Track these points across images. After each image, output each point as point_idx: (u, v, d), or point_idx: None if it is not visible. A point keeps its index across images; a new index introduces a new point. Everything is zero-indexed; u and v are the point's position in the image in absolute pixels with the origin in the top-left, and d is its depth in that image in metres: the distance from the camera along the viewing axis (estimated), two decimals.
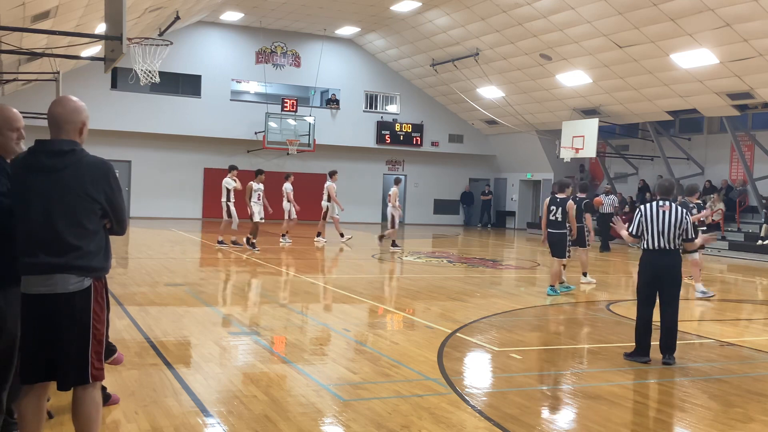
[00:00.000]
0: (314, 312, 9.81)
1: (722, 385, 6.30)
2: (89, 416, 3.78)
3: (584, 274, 13.37)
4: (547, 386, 6.25)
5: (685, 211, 7.12)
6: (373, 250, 18.89)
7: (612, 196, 21.86)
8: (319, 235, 20.07)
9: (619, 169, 28.94)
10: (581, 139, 24.26)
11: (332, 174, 19.73)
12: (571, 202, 11.66)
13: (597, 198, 17.64)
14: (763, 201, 21.76)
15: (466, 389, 5.96)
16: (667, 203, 7.17)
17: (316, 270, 14.69)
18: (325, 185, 19.73)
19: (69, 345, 3.68)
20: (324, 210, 19.74)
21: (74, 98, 3.91)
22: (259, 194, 17.18)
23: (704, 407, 5.67)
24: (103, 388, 4.90)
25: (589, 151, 24.12)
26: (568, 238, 11.68)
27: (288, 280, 12.23)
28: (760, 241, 20.79)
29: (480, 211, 33.17)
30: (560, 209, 11.49)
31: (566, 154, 24.92)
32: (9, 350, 3.93)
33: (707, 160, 25.30)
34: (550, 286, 11.64)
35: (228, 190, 18.11)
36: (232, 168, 18.50)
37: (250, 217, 16.99)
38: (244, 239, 17.32)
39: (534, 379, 6.42)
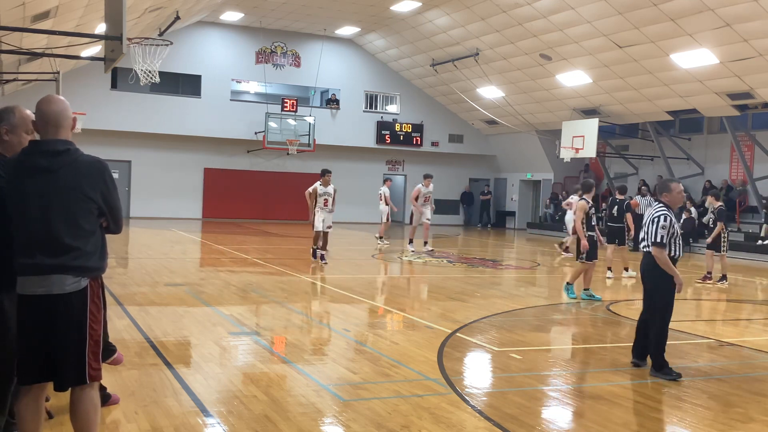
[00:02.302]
0: (314, 312, 9.81)
1: (722, 385, 6.30)
2: (87, 417, 3.77)
3: (626, 269, 14.46)
4: (547, 386, 6.25)
5: (654, 212, 6.66)
6: (373, 250, 18.87)
7: (648, 198, 21.70)
8: (381, 238, 20.35)
9: (619, 169, 28.95)
10: (581, 139, 24.26)
11: (386, 180, 20.81)
12: (582, 202, 11.16)
13: (633, 200, 17.71)
14: (763, 201, 21.75)
15: (466, 389, 5.96)
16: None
17: (316, 270, 14.68)
18: (380, 190, 20.36)
19: (66, 346, 3.67)
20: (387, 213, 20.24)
21: (60, 96, 3.90)
22: (326, 199, 14.97)
23: (704, 407, 5.67)
24: (103, 388, 4.90)
25: (589, 151, 24.11)
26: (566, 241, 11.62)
27: (288, 280, 12.23)
28: (760, 241, 20.78)
29: (479, 211, 33.18)
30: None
31: (566, 154, 24.92)
32: (14, 352, 3.92)
33: (707, 160, 25.30)
34: (579, 288, 11.36)
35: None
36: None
37: (312, 225, 15.11)
38: (312, 249, 15.48)
39: (534, 379, 6.42)
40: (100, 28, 15.77)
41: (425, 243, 18.39)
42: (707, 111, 22.55)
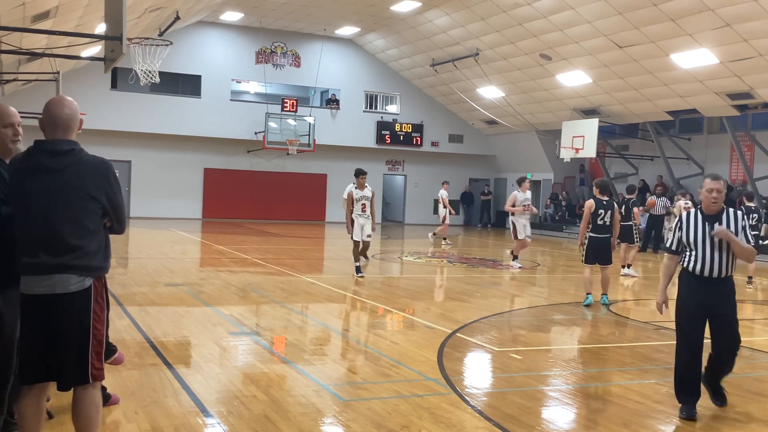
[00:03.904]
0: (314, 312, 9.81)
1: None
2: (89, 416, 3.77)
3: (628, 266, 14.43)
4: (547, 386, 6.25)
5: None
6: (372, 250, 18.85)
7: (664, 198, 21.73)
8: (445, 239, 21.11)
9: (619, 169, 28.94)
10: (581, 139, 24.26)
11: (444, 182, 21.56)
12: (590, 201, 10.73)
13: (650, 199, 17.64)
14: (763, 201, 21.75)
15: (466, 389, 5.96)
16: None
17: (316, 270, 14.69)
18: (439, 193, 21.06)
19: (69, 345, 3.67)
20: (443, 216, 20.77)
21: (69, 97, 3.90)
22: (363, 204, 12.90)
23: (704, 407, 5.67)
24: (103, 388, 4.90)
25: (589, 151, 24.12)
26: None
27: (288, 280, 12.23)
28: (760, 241, 20.78)
29: (479, 211, 33.18)
30: (609, 212, 10.53)
31: (566, 154, 24.92)
32: (9, 351, 3.92)
33: (707, 160, 25.29)
34: (603, 294, 10.79)
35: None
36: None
37: (350, 235, 13.07)
38: (356, 266, 13.11)
39: (534, 379, 6.42)
40: (100, 28, 15.76)
41: (515, 257, 15.77)
42: (707, 111, 22.55)
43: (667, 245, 5.60)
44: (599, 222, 10.53)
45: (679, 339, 5.52)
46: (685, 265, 5.49)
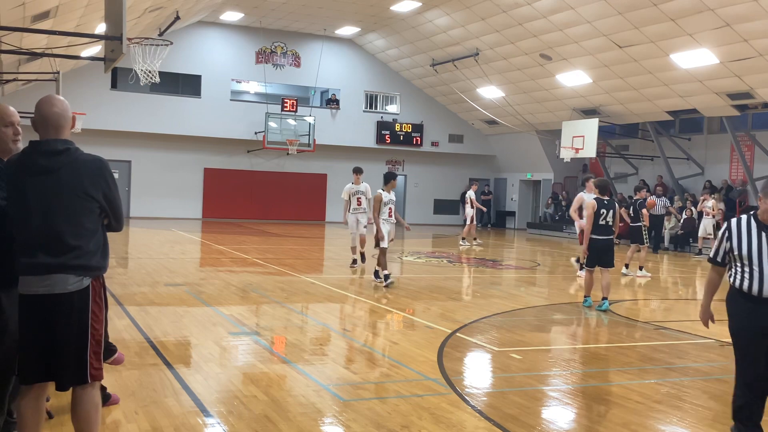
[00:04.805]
0: (314, 312, 9.81)
1: (722, 385, 6.29)
2: (88, 416, 3.77)
3: (640, 268, 14.43)
4: (547, 386, 6.25)
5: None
6: (372, 251, 18.83)
7: (664, 198, 21.69)
8: (464, 239, 21.41)
9: (619, 169, 28.94)
10: (581, 139, 24.26)
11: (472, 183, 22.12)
12: (592, 201, 10.43)
13: (650, 200, 17.64)
14: None
15: (466, 389, 5.96)
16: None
17: (316, 270, 14.68)
18: (467, 194, 21.38)
19: (67, 345, 3.67)
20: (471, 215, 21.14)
21: (60, 96, 3.90)
22: (390, 208, 12.19)
23: (704, 407, 5.67)
24: (103, 388, 4.90)
25: (589, 151, 24.12)
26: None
27: (288, 280, 12.23)
28: None
29: (479, 211, 33.20)
30: (611, 212, 10.21)
31: (566, 154, 24.92)
32: (12, 351, 3.92)
33: (707, 160, 25.29)
34: (603, 298, 10.33)
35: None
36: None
37: (377, 240, 12.03)
38: (375, 270, 12.34)
39: (534, 379, 6.42)
40: (100, 28, 15.77)
41: (582, 265, 14.03)
42: (707, 111, 22.55)
43: (711, 255, 4.75)
44: (601, 222, 10.28)
45: (740, 373, 4.54)
46: (737, 285, 4.52)
